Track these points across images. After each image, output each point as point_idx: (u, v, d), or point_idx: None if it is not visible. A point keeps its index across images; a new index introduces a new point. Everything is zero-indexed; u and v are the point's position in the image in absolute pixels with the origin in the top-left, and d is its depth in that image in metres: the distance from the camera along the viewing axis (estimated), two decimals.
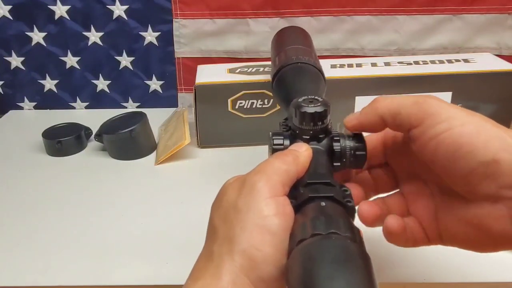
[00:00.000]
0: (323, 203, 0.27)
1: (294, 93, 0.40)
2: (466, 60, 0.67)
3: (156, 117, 0.74)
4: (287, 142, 0.33)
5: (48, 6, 0.75)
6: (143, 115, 0.67)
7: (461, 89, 0.64)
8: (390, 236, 0.31)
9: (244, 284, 0.24)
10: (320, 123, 0.32)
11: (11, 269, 0.45)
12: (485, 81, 0.64)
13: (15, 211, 0.54)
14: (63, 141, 0.67)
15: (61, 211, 0.54)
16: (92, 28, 0.77)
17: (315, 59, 0.49)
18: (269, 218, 0.26)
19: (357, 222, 0.29)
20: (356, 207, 0.30)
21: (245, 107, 0.64)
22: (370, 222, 0.32)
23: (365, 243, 0.24)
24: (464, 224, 0.28)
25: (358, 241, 0.23)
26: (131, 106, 0.83)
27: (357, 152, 0.33)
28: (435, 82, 0.64)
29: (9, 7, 0.75)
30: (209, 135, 0.67)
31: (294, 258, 0.23)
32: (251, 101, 0.64)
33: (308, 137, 0.33)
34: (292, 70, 0.46)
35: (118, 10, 0.75)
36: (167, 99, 0.82)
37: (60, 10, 0.75)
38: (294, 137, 0.34)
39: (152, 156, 0.67)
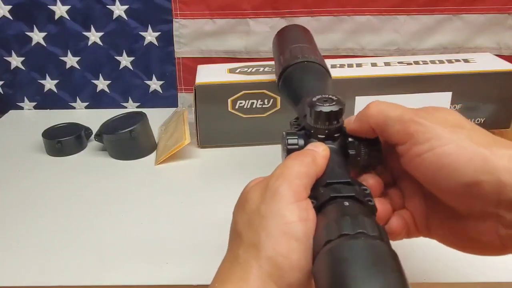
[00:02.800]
0: (346, 203, 0.26)
1: (303, 92, 0.40)
2: (466, 60, 0.67)
3: (156, 117, 0.74)
4: (301, 141, 0.33)
5: (48, 6, 0.75)
6: (143, 115, 0.67)
7: (461, 89, 0.64)
8: (391, 235, 0.31)
9: None
10: (335, 122, 0.32)
11: (11, 269, 0.45)
12: (485, 81, 0.64)
13: (15, 211, 0.54)
14: (63, 141, 0.67)
15: (61, 211, 0.54)
16: (92, 28, 0.77)
17: (320, 57, 0.49)
18: (293, 224, 0.26)
19: None
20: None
21: (245, 107, 0.64)
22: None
23: None
24: (452, 231, 0.29)
25: (385, 240, 0.23)
26: (131, 106, 0.83)
27: (372, 153, 0.32)
28: (435, 82, 0.64)
29: (9, 7, 0.75)
30: (209, 135, 0.67)
31: (322, 260, 0.23)
32: (251, 101, 0.64)
33: (323, 136, 0.33)
34: (300, 69, 0.46)
35: (118, 10, 0.75)
36: (167, 99, 0.82)
37: (60, 10, 0.75)
38: (308, 137, 0.33)
39: (152, 156, 0.67)
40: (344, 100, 0.33)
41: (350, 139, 0.33)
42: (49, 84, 0.82)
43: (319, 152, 0.31)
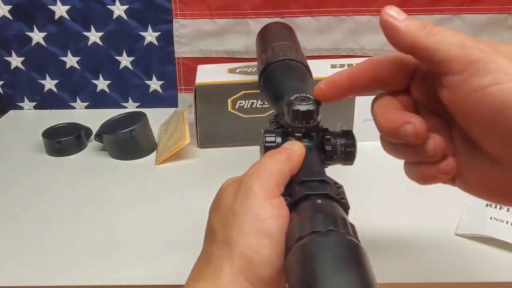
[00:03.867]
0: (319, 201, 0.27)
1: (283, 91, 0.41)
2: None
3: (156, 117, 0.74)
4: (279, 139, 0.34)
5: (48, 6, 0.75)
6: (143, 115, 0.67)
7: None
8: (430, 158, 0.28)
9: (243, 285, 0.25)
10: (312, 121, 0.33)
11: (11, 269, 0.45)
12: None
13: (15, 211, 0.54)
14: (63, 141, 0.67)
15: (61, 211, 0.54)
16: (92, 28, 0.77)
17: (302, 56, 0.49)
18: (265, 221, 0.26)
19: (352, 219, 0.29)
20: None
21: (245, 107, 0.64)
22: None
23: (366, 245, 0.24)
24: (481, 179, 0.26)
25: (355, 237, 0.24)
26: (131, 106, 0.83)
27: (348, 149, 0.33)
28: None
29: (9, 7, 0.75)
30: (209, 135, 0.67)
31: (294, 256, 0.23)
32: (251, 101, 0.64)
33: (300, 134, 0.33)
34: (280, 67, 0.46)
35: (118, 10, 0.75)
36: (167, 99, 0.82)
37: (60, 10, 0.75)
38: (286, 135, 0.34)
39: (152, 156, 0.67)
40: (320, 101, 0.33)
41: (326, 137, 0.34)
42: (49, 84, 0.82)
43: (294, 150, 0.31)
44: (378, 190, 0.55)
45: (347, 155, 0.34)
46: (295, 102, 0.33)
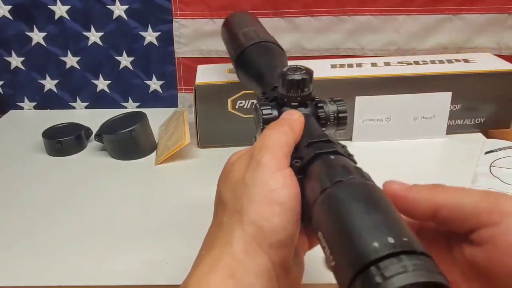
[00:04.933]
0: (332, 157, 0.28)
1: (266, 69, 0.44)
2: (466, 60, 0.67)
3: (156, 117, 0.74)
4: (275, 111, 0.35)
5: (48, 6, 0.75)
6: (143, 115, 0.67)
7: (461, 89, 0.64)
8: None
9: (255, 251, 0.26)
10: (306, 89, 0.35)
11: (11, 269, 0.45)
12: (485, 81, 0.64)
13: (15, 211, 0.54)
14: (63, 141, 0.67)
15: (61, 211, 0.54)
16: (92, 28, 0.77)
17: (270, 36, 0.52)
18: (276, 191, 0.27)
19: None
20: None
21: (245, 107, 0.64)
22: None
23: None
24: None
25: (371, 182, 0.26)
26: (131, 106, 0.83)
27: (340, 115, 0.36)
28: (435, 82, 0.64)
29: (9, 7, 0.75)
30: (209, 135, 0.67)
31: (324, 205, 0.24)
32: (251, 101, 0.64)
33: (296, 103, 0.35)
34: (258, 49, 0.49)
35: (118, 10, 0.75)
36: (167, 99, 0.82)
37: (60, 10, 0.75)
38: (281, 106, 0.36)
39: (152, 156, 0.67)
40: (312, 70, 0.35)
41: (319, 104, 0.36)
42: (49, 84, 0.82)
43: (295, 119, 0.32)
44: None
45: (340, 121, 0.36)
46: (289, 72, 0.35)
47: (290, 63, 0.43)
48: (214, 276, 0.25)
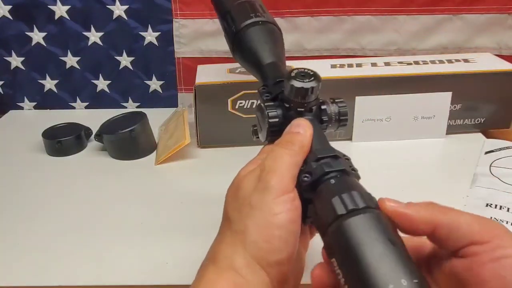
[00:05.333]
0: (341, 177, 0.30)
1: (266, 58, 0.42)
2: (466, 60, 0.67)
3: (156, 117, 0.74)
4: (280, 112, 0.35)
5: (48, 6, 0.75)
6: (143, 115, 0.67)
7: (461, 89, 0.64)
8: None
9: (255, 268, 0.29)
10: (313, 96, 0.35)
11: (11, 269, 0.45)
12: (485, 81, 0.64)
13: (15, 211, 0.54)
14: (63, 141, 0.67)
15: (61, 211, 0.54)
16: (92, 28, 0.77)
17: (267, 13, 0.47)
18: (279, 215, 0.29)
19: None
20: None
21: (245, 107, 0.64)
22: None
23: None
24: None
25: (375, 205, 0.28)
26: (131, 106, 0.83)
27: (342, 116, 0.37)
28: (435, 82, 0.64)
29: (9, 7, 0.75)
30: (209, 135, 0.67)
31: (340, 235, 0.26)
32: (251, 101, 0.64)
33: (302, 109, 0.35)
34: (256, 32, 0.44)
35: (118, 10, 0.75)
36: (167, 99, 0.82)
37: (60, 10, 0.75)
38: (287, 110, 0.35)
39: (152, 156, 0.67)
40: (320, 75, 0.35)
41: (323, 107, 0.36)
42: (49, 84, 0.82)
43: (306, 136, 0.33)
44: (377, 190, 0.55)
45: (341, 121, 0.37)
46: (298, 79, 0.34)
47: (290, 63, 0.44)
48: (221, 283, 0.28)
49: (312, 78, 0.34)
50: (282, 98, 0.36)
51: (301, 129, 0.33)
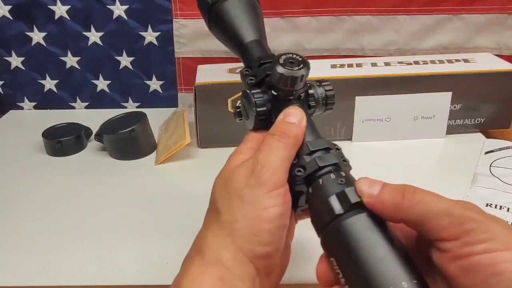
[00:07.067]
0: (335, 171, 0.29)
1: (247, 36, 0.39)
2: (466, 60, 0.67)
3: (156, 117, 0.74)
4: (267, 97, 0.34)
5: (48, 6, 0.75)
6: (143, 115, 0.67)
7: (461, 89, 0.64)
8: None
9: (242, 260, 0.28)
10: (302, 83, 0.34)
11: (11, 269, 0.45)
12: (485, 81, 0.64)
13: (15, 211, 0.54)
14: (63, 141, 0.67)
15: (61, 211, 0.54)
16: (92, 28, 0.77)
17: None
18: (268, 210, 0.29)
19: None
20: None
21: None
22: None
23: None
24: None
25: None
26: (131, 106, 0.83)
27: (329, 99, 0.36)
28: (435, 82, 0.64)
29: (9, 7, 0.75)
30: (209, 135, 0.67)
31: (339, 235, 0.26)
32: None
33: (292, 97, 0.34)
34: (234, 4, 0.40)
35: (118, 10, 0.75)
36: (167, 99, 0.82)
37: (60, 10, 0.75)
38: (274, 97, 0.34)
39: (152, 156, 0.67)
40: (307, 60, 0.33)
41: (310, 92, 0.35)
42: (49, 84, 0.82)
43: (301, 127, 0.32)
44: None
45: (328, 104, 0.36)
46: (287, 67, 0.32)
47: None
48: (206, 277, 0.28)
49: (302, 66, 0.33)
50: (269, 85, 0.34)
51: (296, 119, 0.32)
